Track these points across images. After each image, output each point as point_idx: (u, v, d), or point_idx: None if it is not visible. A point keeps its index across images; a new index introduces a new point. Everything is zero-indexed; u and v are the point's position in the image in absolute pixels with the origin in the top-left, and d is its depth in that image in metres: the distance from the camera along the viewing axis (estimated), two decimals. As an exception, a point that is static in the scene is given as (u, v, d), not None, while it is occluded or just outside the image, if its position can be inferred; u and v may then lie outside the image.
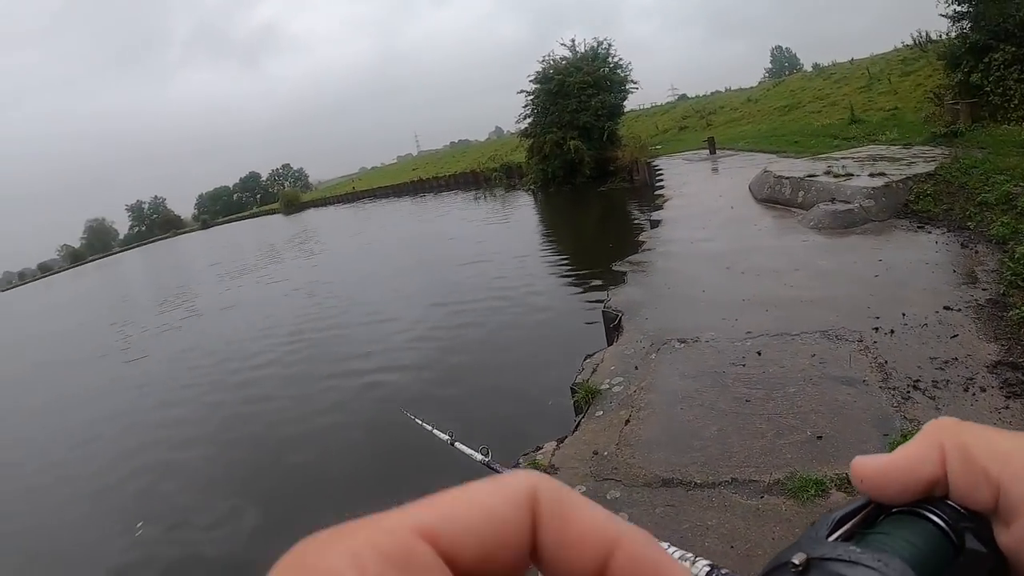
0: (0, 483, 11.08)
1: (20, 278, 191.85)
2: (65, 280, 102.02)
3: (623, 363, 6.04)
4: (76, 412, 14.45)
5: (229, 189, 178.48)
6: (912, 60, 26.83)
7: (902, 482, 0.36)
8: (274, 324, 17.57)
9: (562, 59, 34.81)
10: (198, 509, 8.12)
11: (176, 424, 11.59)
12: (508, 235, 23.96)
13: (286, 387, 12.00)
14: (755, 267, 8.39)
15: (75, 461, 11.14)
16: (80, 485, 9.97)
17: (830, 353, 5.39)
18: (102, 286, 52.97)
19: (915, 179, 10.35)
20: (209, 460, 9.75)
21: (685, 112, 43.85)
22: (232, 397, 12.35)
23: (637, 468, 4.32)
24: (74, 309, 38.87)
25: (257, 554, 6.63)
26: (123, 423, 12.50)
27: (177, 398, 13.10)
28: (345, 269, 25.74)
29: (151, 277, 50.40)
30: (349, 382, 11.11)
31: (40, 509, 9.56)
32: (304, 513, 7.24)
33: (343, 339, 14.30)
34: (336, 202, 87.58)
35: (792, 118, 28.27)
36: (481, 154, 64.61)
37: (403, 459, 7.25)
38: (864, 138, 18.57)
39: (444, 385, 10.03)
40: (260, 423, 10.53)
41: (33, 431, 13.85)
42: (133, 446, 10.93)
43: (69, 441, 12.33)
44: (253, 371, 13.49)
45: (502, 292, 14.68)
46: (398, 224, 38.64)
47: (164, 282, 41.83)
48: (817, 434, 4.25)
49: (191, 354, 16.99)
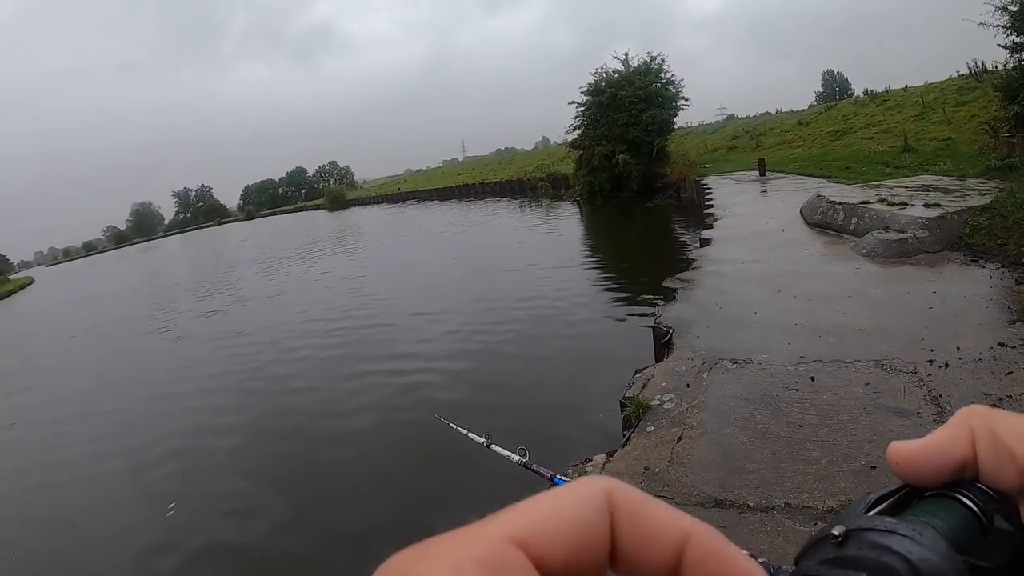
0: (48, 452, 11.42)
1: (65, 255, 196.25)
2: (109, 260, 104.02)
3: (674, 380, 6.06)
4: (121, 390, 14.81)
5: (275, 182, 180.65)
6: (967, 90, 26.42)
7: (935, 464, 0.39)
8: (316, 317, 17.87)
9: (615, 72, 34.78)
10: (230, 496, 8.30)
11: (214, 410, 11.84)
12: (553, 244, 24.06)
13: (325, 380, 12.20)
14: (807, 292, 8.34)
15: (118, 436, 11.43)
16: (118, 462, 10.21)
17: (884, 383, 5.37)
18: (149, 271, 53.79)
19: (970, 212, 10.21)
20: (244, 448, 9.96)
21: (735, 132, 43.58)
22: (271, 387, 12.62)
23: (689, 487, 4.34)
24: (122, 291, 39.49)
25: (282, 546, 6.78)
26: (164, 405, 12.77)
27: (216, 385, 13.39)
28: (389, 267, 26.08)
29: (197, 263, 51.16)
30: (388, 380, 11.21)
31: (81, 481, 9.83)
32: (334, 509, 7.35)
33: (383, 337, 14.48)
34: (381, 202, 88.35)
35: (843, 143, 27.97)
36: (528, 163, 64.79)
37: (439, 461, 7.32)
38: (917, 167, 18.35)
39: (483, 390, 10.11)
40: (297, 415, 10.71)
41: (76, 407, 14.13)
42: (171, 428, 11.18)
43: (114, 415, 12.71)
44: (293, 363, 13.73)
45: (545, 300, 14.75)
46: (444, 227, 38.92)
47: (208, 269, 42.53)
48: (871, 464, 4.24)
49: (234, 340, 17.31)
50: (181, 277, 41.72)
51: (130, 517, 8.18)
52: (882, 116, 30.06)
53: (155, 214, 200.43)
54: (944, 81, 31.61)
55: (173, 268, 51.57)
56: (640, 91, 33.03)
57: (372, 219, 60.90)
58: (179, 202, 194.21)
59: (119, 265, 79.49)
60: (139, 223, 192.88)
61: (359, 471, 8.15)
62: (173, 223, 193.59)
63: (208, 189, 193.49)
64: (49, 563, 7.68)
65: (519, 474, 3.85)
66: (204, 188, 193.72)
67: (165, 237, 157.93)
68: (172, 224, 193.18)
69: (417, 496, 7.08)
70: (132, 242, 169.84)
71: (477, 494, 6.34)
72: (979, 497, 0.38)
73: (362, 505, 7.24)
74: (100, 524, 8.27)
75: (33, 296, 62.59)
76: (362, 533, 6.60)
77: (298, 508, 7.50)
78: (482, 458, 4.42)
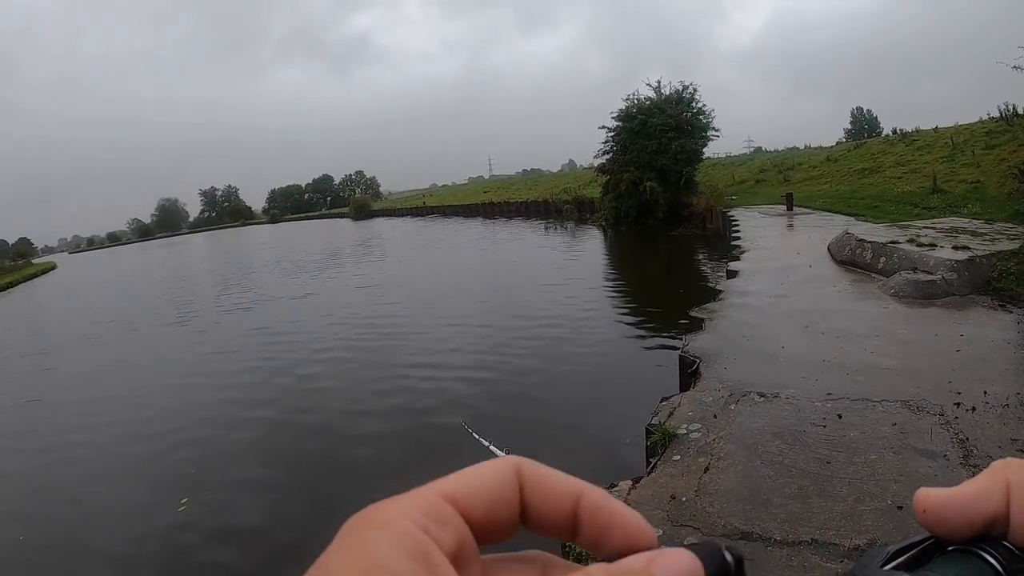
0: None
1: (89, 243, 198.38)
2: (132, 252, 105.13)
3: (701, 410, 6.09)
4: (147, 377, 15.11)
5: (301, 188, 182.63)
6: (997, 133, 26.27)
7: (964, 516, 0.39)
8: (341, 320, 18.21)
9: (646, 99, 34.97)
10: (242, 493, 8.44)
11: (234, 404, 12.06)
12: (578, 268, 24.14)
13: (347, 382, 12.42)
14: (834, 329, 8.36)
15: (136, 422, 11.69)
16: (136, 448, 10.46)
17: (911, 424, 5.39)
18: (175, 266, 54.21)
19: (998, 256, 10.21)
20: (261, 445, 10.11)
21: (763, 165, 43.47)
22: (293, 384, 12.85)
23: (716, 517, 4.38)
24: (148, 283, 39.89)
25: (290, 547, 6.87)
26: (186, 395, 13.16)
27: (238, 382, 13.57)
28: (412, 278, 26.24)
29: (222, 261, 51.63)
30: (410, 386, 11.41)
31: (100, 465, 10.05)
32: (347, 510, 7.42)
33: (404, 346, 14.69)
34: (406, 214, 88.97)
35: (871, 182, 27.87)
36: (554, 184, 64.95)
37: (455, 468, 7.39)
38: (945, 209, 18.33)
39: (505, 404, 10.20)
40: (317, 415, 10.87)
41: (102, 392, 14.42)
42: (189, 420, 11.42)
43: (139, 403, 12.92)
44: (313, 364, 14.05)
45: (568, 321, 14.88)
46: (469, 244, 39.17)
47: (233, 267, 42.92)
48: (898, 504, 4.27)
49: (259, 336, 17.68)
50: (209, 273, 42.19)
51: (142, 509, 8.32)
52: (911, 156, 29.93)
53: (180, 210, 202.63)
54: (975, 123, 31.45)
55: (198, 265, 51.98)
56: (671, 119, 33.19)
57: (396, 230, 61.33)
58: (205, 200, 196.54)
59: (143, 257, 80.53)
60: (164, 218, 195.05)
61: (376, 473, 8.24)
62: (198, 221, 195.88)
63: (235, 190, 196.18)
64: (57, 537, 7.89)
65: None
66: (231, 188, 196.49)
67: (189, 234, 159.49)
68: (196, 222, 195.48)
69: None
70: (156, 236, 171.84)
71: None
72: (1005, 556, 0.37)
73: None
74: (112, 512, 8.42)
75: (54, 280, 63.00)
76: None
77: (308, 509, 7.62)
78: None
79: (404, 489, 0.35)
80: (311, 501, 7.79)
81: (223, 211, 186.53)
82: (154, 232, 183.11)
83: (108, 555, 7.34)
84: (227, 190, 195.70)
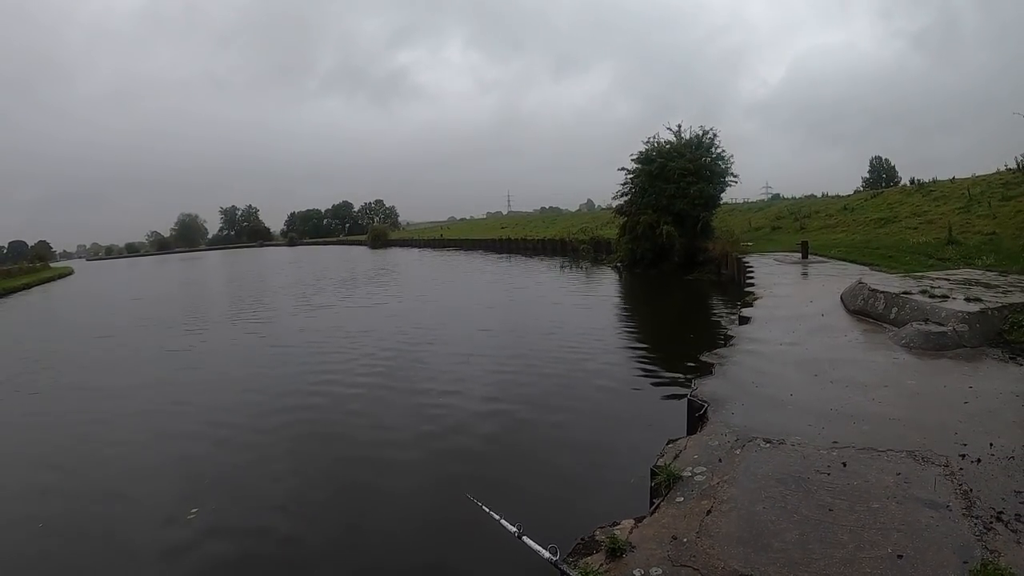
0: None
1: (107, 252, 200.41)
2: (150, 264, 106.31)
3: (707, 453, 6.16)
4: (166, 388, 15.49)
5: (320, 212, 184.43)
6: (1014, 184, 26.35)
7: None
8: (356, 346, 18.37)
9: (666, 143, 35.24)
10: (248, 509, 8.61)
11: (239, 423, 12.41)
12: (592, 308, 24.39)
13: (354, 413, 12.62)
14: (843, 378, 8.39)
15: (150, 430, 12.26)
16: (148, 457, 10.98)
17: (915, 474, 5.43)
18: (193, 283, 54.55)
19: (1011, 308, 10.20)
20: (267, 464, 10.30)
21: (779, 212, 43.56)
22: (297, 404, 13.27)
23: (716, 559, 4.43)
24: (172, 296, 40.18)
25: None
26: (196, 407, 13.64)
27: (247, 400, 13.91)
28: (425, 312, 26.33)
29: (240, 281, 51.91)
30: (423, 428, 11.38)
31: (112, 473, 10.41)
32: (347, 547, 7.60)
33: (421, 373, 14.89)
34: (423, 246, 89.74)
35: (888, 231, 27.92)
36: (571, 224, 65.51)
37: (466, 539, 7.33)
38: (959, 260, 18.34)
39: (512, 446, 10.27)
40: (322, 443, 11.13)
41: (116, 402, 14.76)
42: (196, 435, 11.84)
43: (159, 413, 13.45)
44: (315, 388, 14.41)
45: (578, 358, 15.02)
46: (485, 278, 39.35)
47: (249, 287, 43.23)
48: (898, 552, 4.31)
49: (271, 360, 17.89)
50: (232, 291, 42.46)
51: (150, 521, 8.49)
52: (928, 206, 29.99)
53: (200, 226, 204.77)
54: (991, 174, 31.54)
55: (219, 284, 52.33)
56: (690, 164, 33.41)
57: (413, 261, 61.64)
58: (225, 218, 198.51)
59: (161, 271, 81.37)
60: (183, 233, 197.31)
61: (378, 524, 8.19)
62: (216, 238, 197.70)
63: (255, 210, 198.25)
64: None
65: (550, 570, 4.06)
66: (251, 208, 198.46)
67: (207, 251, 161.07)
68: (215, 239, 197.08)
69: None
70: (174, 250, 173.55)
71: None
72: None
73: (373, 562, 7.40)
74: (117, 527, 8.58)
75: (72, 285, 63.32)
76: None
77: (311, 540, 7.72)
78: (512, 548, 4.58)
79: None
80: (310, 542, 7.85)
81: (242, 230, 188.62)
82: (172, 246, 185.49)
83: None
84: (248, 210, 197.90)
